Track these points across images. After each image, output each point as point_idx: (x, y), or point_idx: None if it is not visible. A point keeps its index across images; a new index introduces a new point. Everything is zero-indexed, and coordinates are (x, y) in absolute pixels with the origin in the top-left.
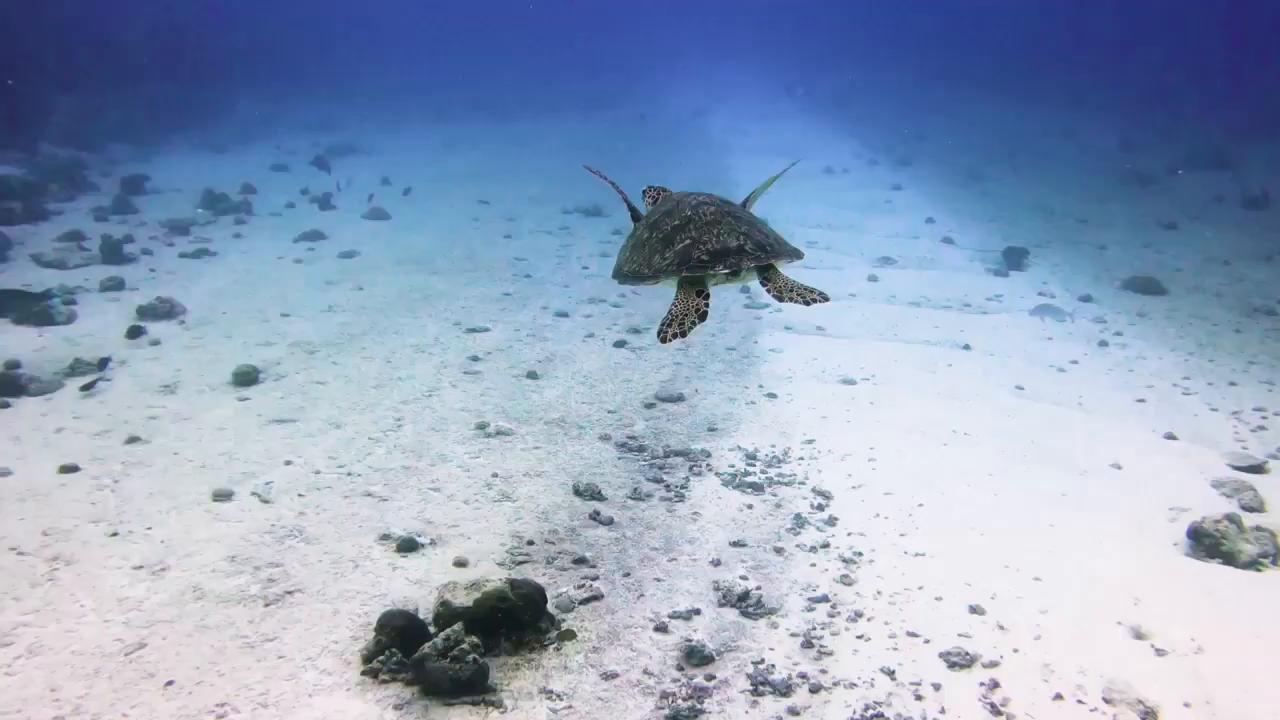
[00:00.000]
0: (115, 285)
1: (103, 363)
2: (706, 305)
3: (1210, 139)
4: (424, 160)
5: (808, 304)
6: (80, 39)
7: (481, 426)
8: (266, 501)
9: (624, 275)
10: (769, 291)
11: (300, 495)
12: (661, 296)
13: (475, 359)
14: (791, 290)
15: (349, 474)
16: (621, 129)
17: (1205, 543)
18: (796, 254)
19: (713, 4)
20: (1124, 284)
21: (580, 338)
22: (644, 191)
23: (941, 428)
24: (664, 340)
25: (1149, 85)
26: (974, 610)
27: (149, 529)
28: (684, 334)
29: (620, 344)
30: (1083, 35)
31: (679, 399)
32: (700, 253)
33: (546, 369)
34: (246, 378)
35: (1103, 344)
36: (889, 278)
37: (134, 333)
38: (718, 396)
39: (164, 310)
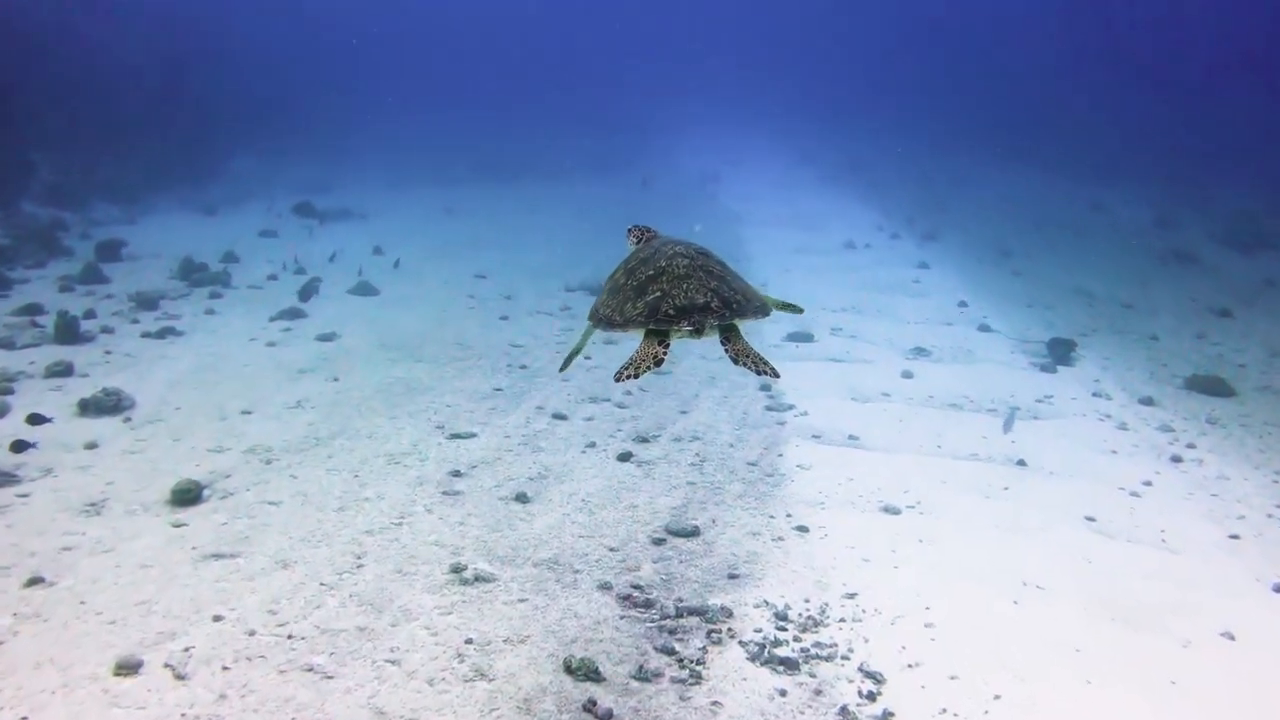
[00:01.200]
0: (62, 371)
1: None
2: (665, 352)
3: (1249, 216)
4: (422, 226)
5: (759, 374)
6: (76, 93)
7: (457, 569)
8: (181, 677)
9: (599, 319)
10: (726, 352)
11: (225, 668)
12: (671, 394)
13: (457, 474)
14: (747, 357)
15: (289, 636)
16: (630, 195)
17: None
18: (763, 311)
19: (724, 68)
20: (1186, 383)
21: (579, 447)
22: (629, 230)
23: (1008, 576)
24: (618, 380)
25: (1177, 157)
26: None
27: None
28: (637, 376)
29: (625, 457)
30: (1104, 103)
31: (693, 533)
32: (668, 307)
33: (539, 489)
34: (187, 496)
35: (1175, 459)
36: (924, 373)
37: (18, 447)
38: (739, 530)
39: (109, 404)
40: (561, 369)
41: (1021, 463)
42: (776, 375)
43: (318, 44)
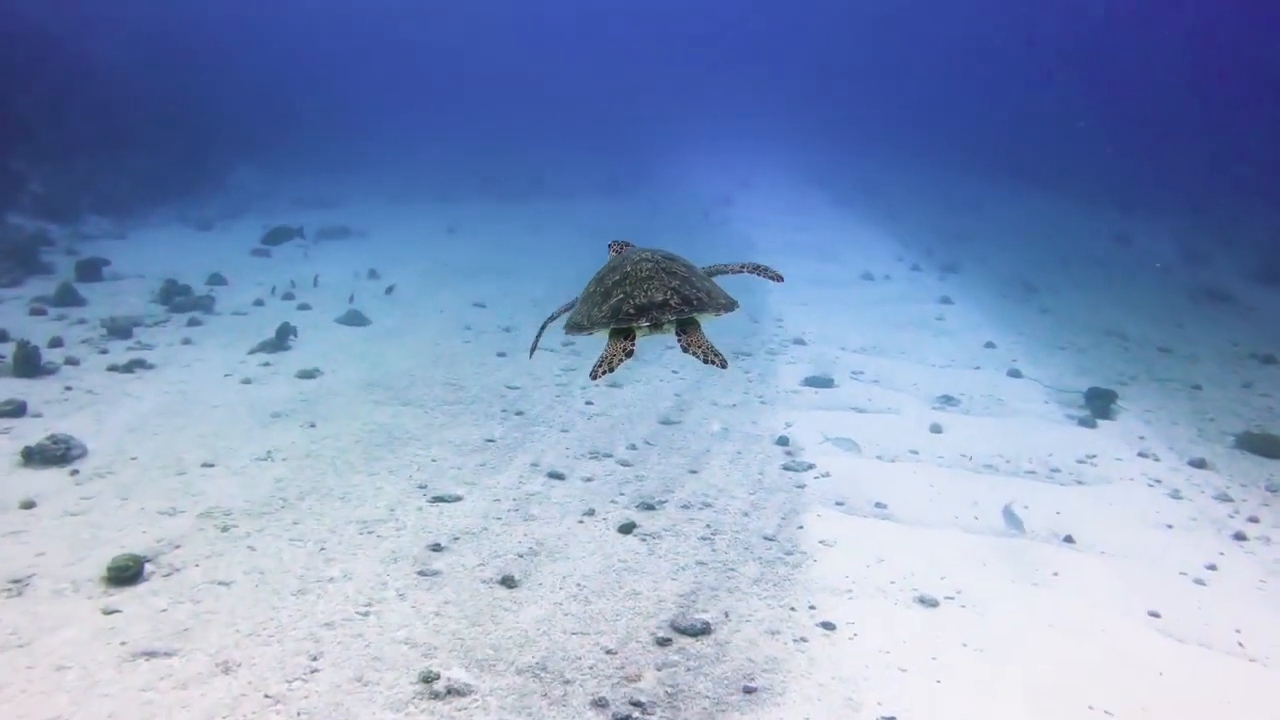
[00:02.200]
0: (13, 410)
1: None
2: (633, 346)
3: None
4: (422, 246)
5: (705, 362)
6: (73, 103)
7: (428, 679)
8: None
9: (570, 326)
10: (679, 343)
11: None
12: (679, 450)
13: (437, 548)
14: (698, 347)
15: None
16: (639, 217)
17: None
18: (728, 308)
19: (736, 86)
20: (1238, 441)
21: (576, 515)
22: (609, 245)
23: (1071, 696)
24: (594, 378)
25: (1203, 187)
26: None
27: None
28: (612, 370)
29: (627, 528)
30: (1125, 131)
31: (703, 630)
32: (629, 307)
33: (528, 570)
34: (125, 574)
35: (1239, 537)
36: (954, 425)
37: None
38: (755, 626)
39: (56, 454)
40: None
41: (1069, 539)
42: (724, 364)
43: (325, 56)
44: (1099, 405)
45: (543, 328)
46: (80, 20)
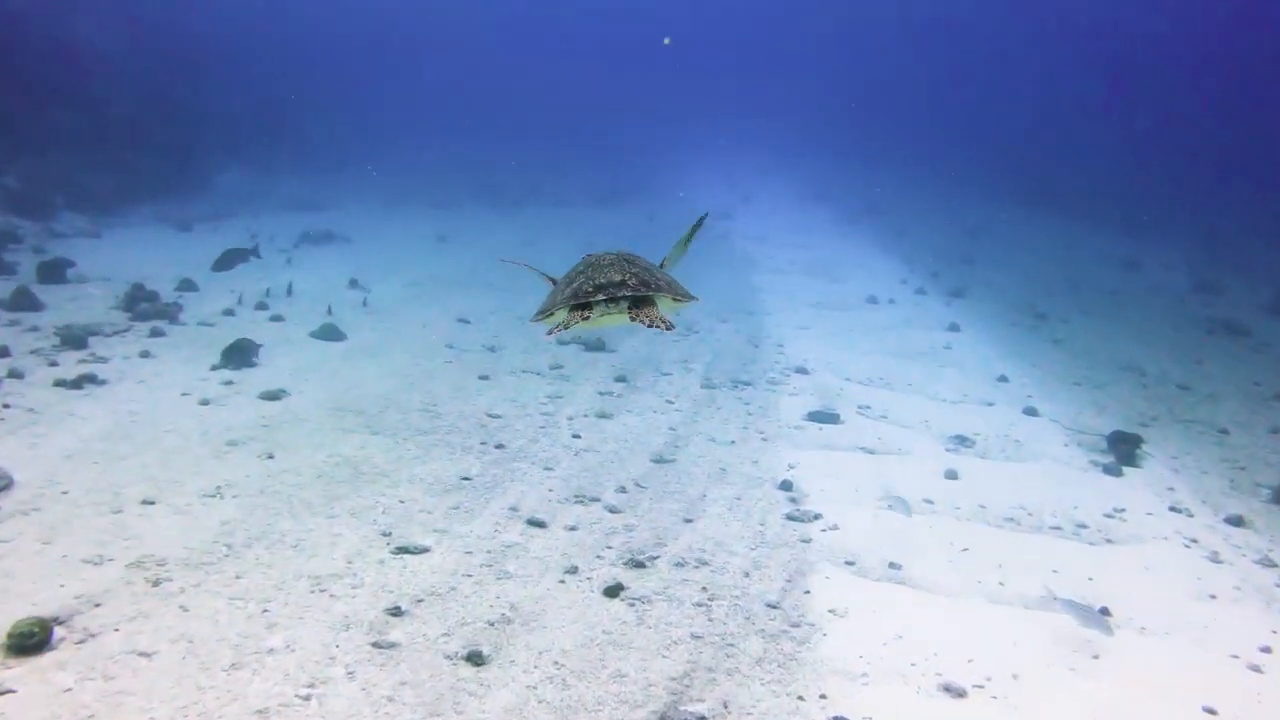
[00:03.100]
0: None
1: None
2: (587, 314)
3: None
4: (410, 255)
5: (649, 326)
6: (58, 98)
7: None
8: None
9: (537, 314)
10: (630, 317)
11: None
12: (673, 493)
13: (396, 612)
14: (648, 317)
15: None
16: (637, 228)
17: None
18: (683, 298)
19: (738, 100)
20: (1274, 495)
21: (557, 573)
22: (584, 257)
23: None
24: (548, 335)
25: (1211, 214)
26: None
27: None
28: (566, 329)
29: (614, 591)
30: (1130, 151)
31: None
32: (588, 287)
33: (500, 642)
34: (29, 641)
35: None
36: (971, 471)
37: None
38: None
39: None
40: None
41: (1105, 611)
42: (671, 327)
43: (323, 55)
44: (1123, 451)
45: (527, 266)
46: (67, 6)
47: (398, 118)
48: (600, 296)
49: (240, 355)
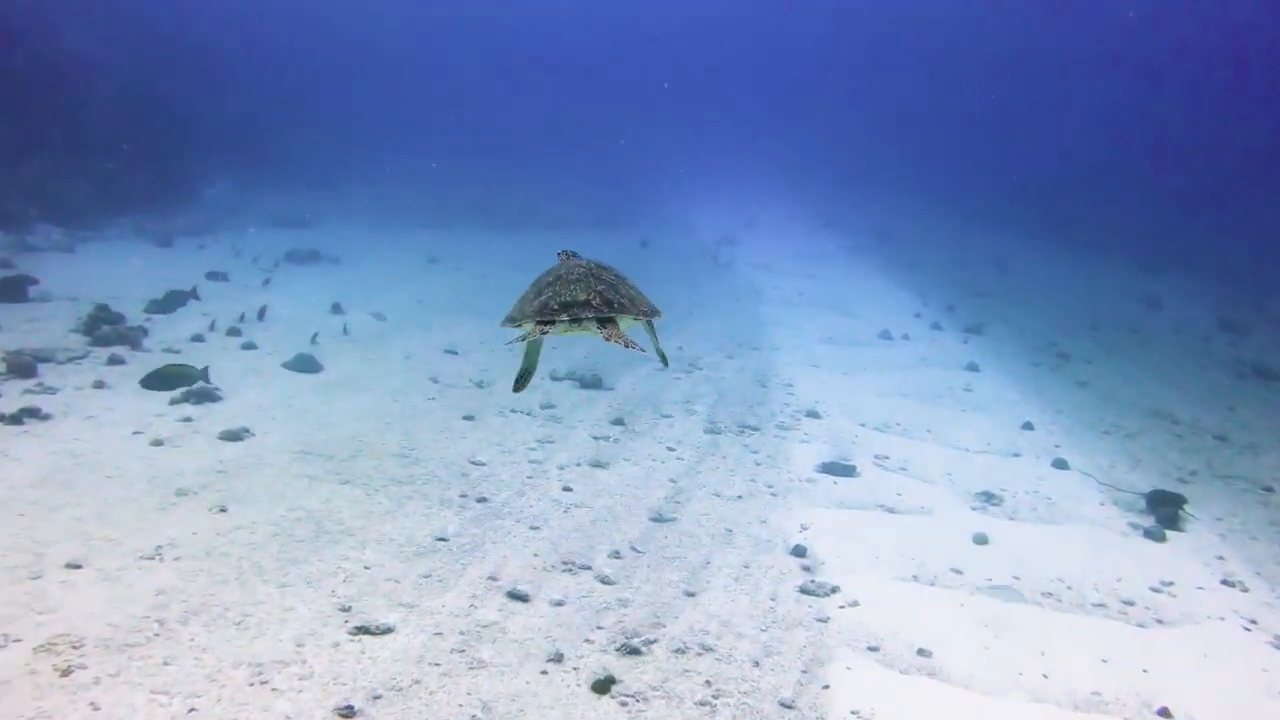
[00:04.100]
0: None
1: None
2: (546, 329)
3: None
4: (399, 276)
5: (625, 347)
6: (36, 99)
7: None
8: None
9: (505, 320)
10: (600, 335)
11: None
12: (673, 560)
13: (348, 714)
14: (618, 339)
15: None
16: (635, 253)
17: None
18: (649, 314)
19: (739, 123)
20: None
21: (539, 661)
22: (558, 254)
23: None
24: (510, 342)
25: (1231, 249)
26: None
27: None
28: (524, 341)
29: (603, 686)
30: (1147, 183)
31: None
32: (554, 303)
33: None
34: None
35: None
36: (1001, 535)
37: None
38: None
39: None
40: (515, 388)
41: (1165, 713)
42: (640, 348)
43: (318, 68)
44: (1165, 513)
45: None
46: (50, 8)
47: (391, 132)
48: (564, 316)
49: (166, 381)
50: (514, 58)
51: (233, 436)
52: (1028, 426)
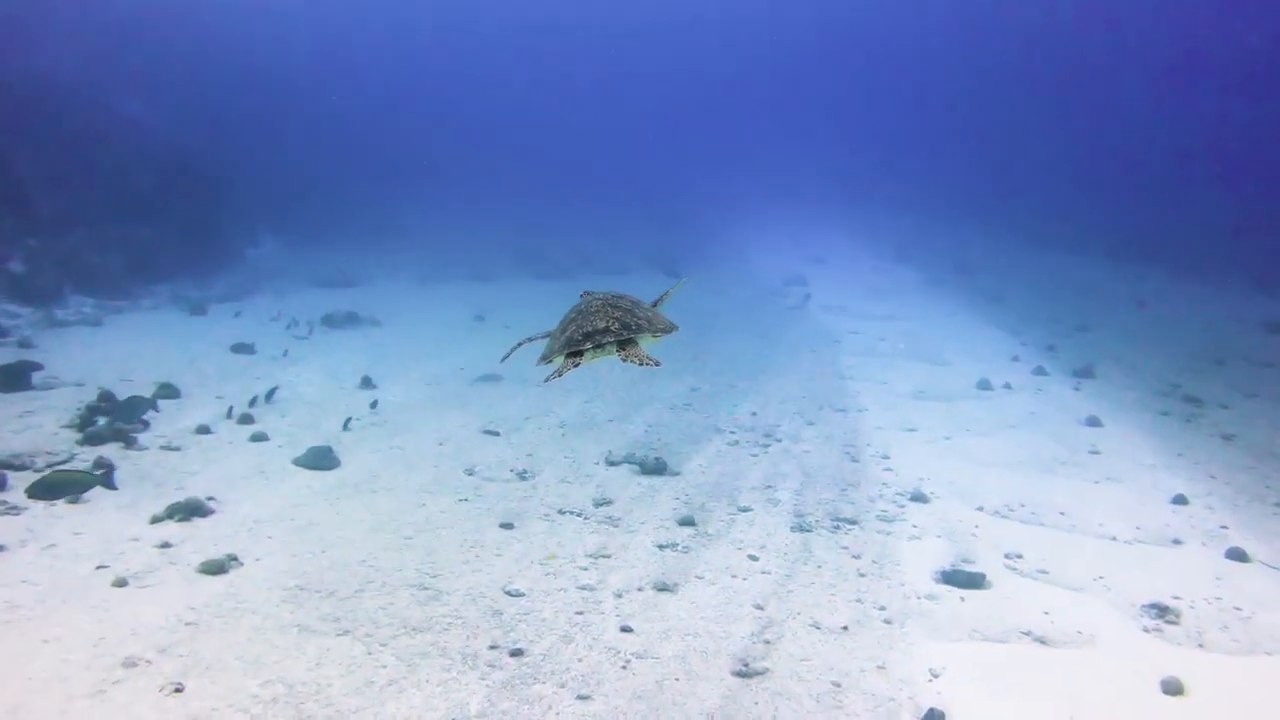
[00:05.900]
0: None
1: None
2: (579, 360)
3: None
4: (442, 339)
5: (641, 365)
6: (83, 166)
7: None
8: None
9: (542, 358)
10: (619, 356)
11: None
12: None
13: None
14: (635, 357)
15: None
16: (700, 298)
17: None
18: (665, 331)
19: (801, 156)
20: None
21: None
22: (581, 294)
23: None
24: (547, 380)
25: None
26: None
27: None
28: (560, 376)
29: None
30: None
31: None
32: (577, 335)
33: None
34: None
35: None
36: (1195, 675)
37: None
38: None
39: None
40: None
41: None
42: (657, 363)
43: (363, 123)
44: None
45: (518, 344)
46: (105, 72)
47: (437, 182)
48: (588, 345)
49: (52, 490)
50: (566, 99)
51: (215, 569)
52: (1179, 500)
